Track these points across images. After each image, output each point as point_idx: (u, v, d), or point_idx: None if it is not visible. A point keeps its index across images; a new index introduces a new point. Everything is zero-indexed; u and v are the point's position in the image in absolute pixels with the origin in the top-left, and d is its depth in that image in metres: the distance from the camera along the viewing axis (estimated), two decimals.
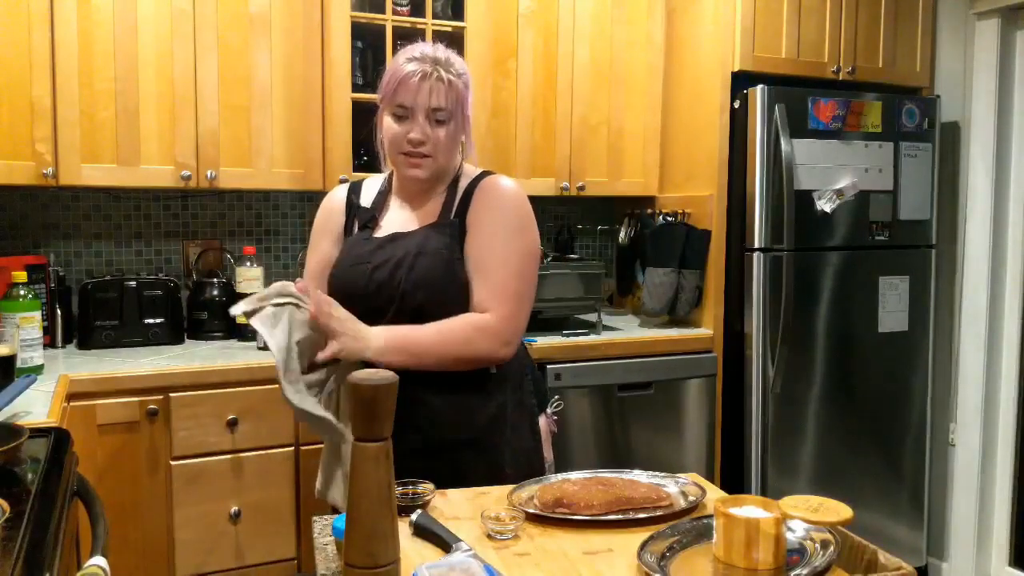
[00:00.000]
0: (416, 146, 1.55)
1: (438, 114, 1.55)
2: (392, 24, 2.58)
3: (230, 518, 2.24)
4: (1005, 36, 2.89)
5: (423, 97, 1.53)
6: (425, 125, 1.54)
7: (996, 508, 3.02)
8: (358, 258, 1.60)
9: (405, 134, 1.55)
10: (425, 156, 1.56)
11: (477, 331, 1.52)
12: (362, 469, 0.97)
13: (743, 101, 2.75)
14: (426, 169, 1.58)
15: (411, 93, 1.53)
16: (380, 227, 1.64)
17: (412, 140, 1.55)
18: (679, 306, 2.86)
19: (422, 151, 1.56)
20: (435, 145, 1.56)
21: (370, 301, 1.56)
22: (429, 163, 1.57)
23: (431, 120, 1.55)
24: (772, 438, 2.77)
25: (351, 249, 1.63)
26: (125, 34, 2.35)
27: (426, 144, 1.55)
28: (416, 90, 1.53)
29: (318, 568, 1.12)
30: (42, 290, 2.39)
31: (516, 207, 1.60)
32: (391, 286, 1.54)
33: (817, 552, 1.04)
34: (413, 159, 1.57)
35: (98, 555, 1.12)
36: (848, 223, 2.83)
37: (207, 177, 2.46)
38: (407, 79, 1.53)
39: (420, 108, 1.54)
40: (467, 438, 1.57)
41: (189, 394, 2.18)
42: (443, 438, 1.55)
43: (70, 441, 1.49)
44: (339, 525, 1.10)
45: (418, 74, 1.53)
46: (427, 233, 1.58)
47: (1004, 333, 2.98)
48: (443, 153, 1.58)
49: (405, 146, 1.56)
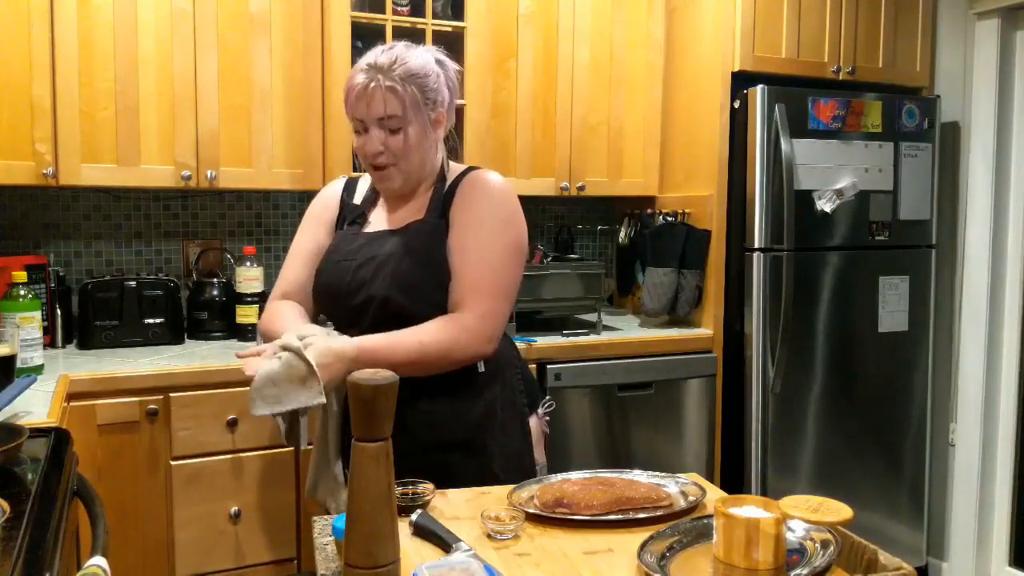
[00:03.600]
0: (375, 158, 1.55)
1: (390, 122, 1.52)
2: (392, 24, 2.58)
3: (230, 518, 2.24)
4: (1005, 36, 2.89)
5: (370, 108, 1.52)
6: (380, 135, 1.53)
7: (996, 508, 3.02)
8: (344, 255, 1.60)
9: (363, 147, 1.56)
10: (389, 166, 1.56)
11: (457, 332, 1.49)
12: (362, 469, 0.96)
13: (743, 101, 2.75)
14: (394, 179, 1.57)
15: (359, 105, 1.52)
16: (369, 223, 1.65)
17: (367, 154, 1.55)
18: (679, 306, 2.86)
19: (381, 162, 1.55)
20: (394, 154, 1.54)
21: (352, 298, 1.56)
22: (394, 172, 1.57)
23: (385, 129, 1.53)
24: (772, 438, 2.77)
25: (338, 245, 1.63)
26: (125, 34, 2.35)
27: (384, 154, 1.54)
28: (363, 102, 1.52)
29: (318, 568, 1.12)
30: (42, 290, 2.39)
31: (499, 201, 1.57)
32: (372, 285, 1.54)
33: (817, 552, 1.04)
34: (377, 171, 1.58)
35: (98, 555, 1.12)
36: (848, 223, 2.83)
37: (207, 177, 2.46)
38: (352, 92, 1.53)
39: (371, 120, 1.53)
40: (457, 439, 1.56)
41: (189, 394, 2.18)
42: (433, 439, 1.55)
43: (70, 441, 1.49)
44: (339, 525, 1.10)
45: (361, 86, 1.51)
46: (412, 232, 1.58)
47: (1004, 333, 2.98)
48: (406, 159, 1.56)
49: (368, 158, 1.56)
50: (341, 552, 1.06)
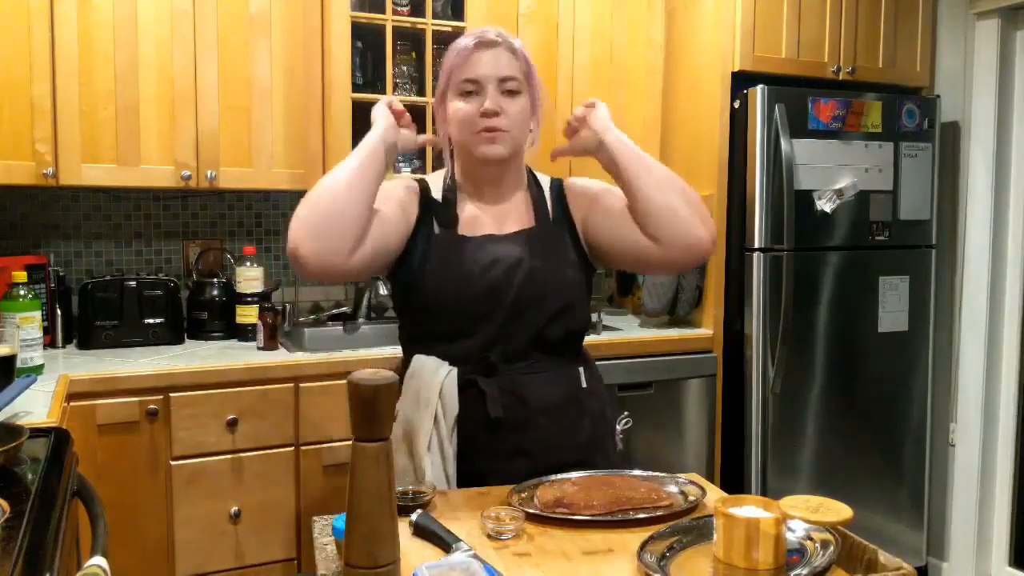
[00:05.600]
0: (491, 117, 1.43)
1: (509, 83, 1.44)
2: (392, 24, 2.58)
3: (230, 518, 2.24)
4: (1005, 36, 2.89)
5: (492, 68, 1.43)
6: (498, 97, 1.43)
7: (996, 508, 3.02)
8: (457, 264, 1.46)
9: (477, 109, 1.43)
10: (502, 131, 1.44)
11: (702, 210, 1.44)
12: (362, 469, 0.96)
13: (743, 101, 2.75)
14: (504, 145, 1.45)
15: (479, 65, 1.43)
16: (463, 226, 1.51)
17: (487, 111, 1.42)
18: (679, 306, 2.86)
19: (498, 124, 1.43)
20: (510, 118, 1.44)
21: (479, 305, 1.45)
22: (506, 138, 1.45)
23: (502, 91, 1.44)
24: (772, 438, 2.76)
25: (441, 251, 1.47)
26: (125, 34, 2.36)
27: (501, 116, 1.43)
28: (482, 60, 1.43)
29: (318, 568, 1.12)
30: (42, 290, 2.39)
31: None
32: (504, 289, 1.44)
33: (817, 552, 1.04)
34: (488, 134, 1.44)
35: (98, 555, 1.12)
36: (848, 223, 2.83)
37: (207, 177, 2.46)
38: (472, 52, 1.43)
39: (490, 79, 1.43)
40: (573, 460, 1.47)
41: (189, 394, 2.18)
42: (553, 462, 1.44)
43: (70, 441, 1.49)
44: (339, 525, 1.10)
45: (484, 45, 1.44)
46: (533, 237, 1.50)
47: (1004, 333, 2.98)
48: (520, 128, 1.46)
49: (479, 122, 1.43)
50: (341, 552, 1.06)
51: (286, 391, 2.28)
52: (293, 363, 2.30)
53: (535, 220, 1.53)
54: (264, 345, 2.46)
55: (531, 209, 1.54)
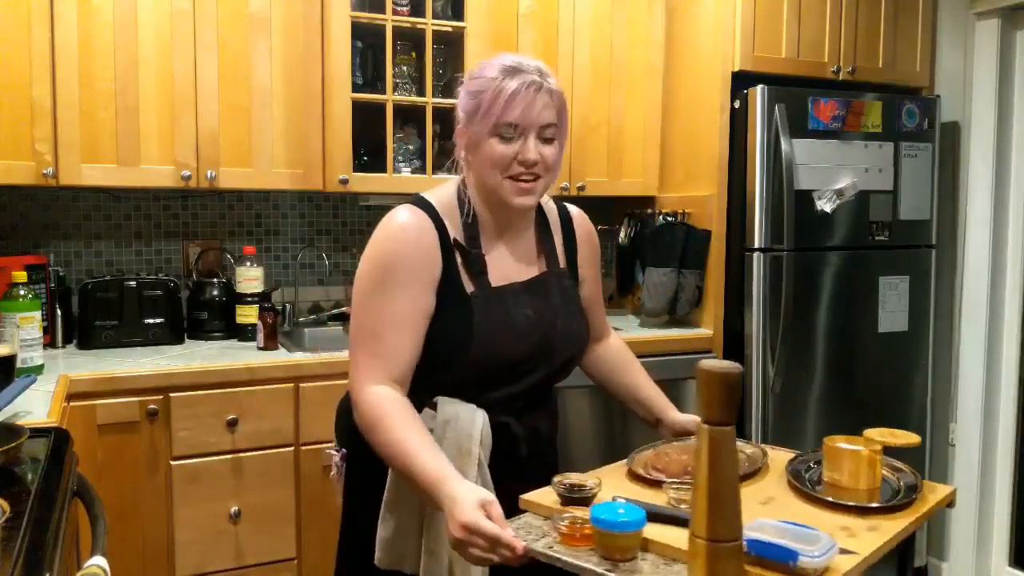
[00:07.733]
0: (530, 167, 1.39)
1: (548, 131, 1.40)
2: (392, 24, 2.58)
3: (230, 518, 2.24)
4: (1005, 36, 2.89)
5: (534, 114, 1.37)
6: (536, 144, 1.39)
7: (996, 508, 3.02)
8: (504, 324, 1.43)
9: (514, 156, 1.38)
10: (538, 178, 1.41)
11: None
12: (722, 452, 1.03)
13: (743, 101, 2.75)
14: (537, 194, 1.43)
15: (521, 110, 1.36)
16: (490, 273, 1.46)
17: (527, 161, 1.38)
18: (679, 306, 2.86)
19: (538, 172, 1.40)
20: (547, 166, 1.41)
21: (524, 364, 1.45)
22: (540, 186, 1.42)
23: (541, 138, 1.40)
24: (772, 438, 2.76)
25: (482, 308, 1.42)
26: (125, 34, 2.35)
27: (538, 165, 1.40)
28: (525, 106, 1.36)
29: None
30: (42, 290, 2.39)
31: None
32: (547, 344, 1.47)
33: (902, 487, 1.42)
34: (524, 183, 1.40)
35: (98, 555, 1.12)
36: (848, 223, 2.83)
37: (207, 177, 2.46)
38: (515, 94, 1.36)
39: (532, 126, 1.38)
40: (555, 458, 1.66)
41: (189, 394, 2.18)
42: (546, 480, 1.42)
43: (70, 441, 1.49)
44: (601, 515, 1.12)
45: (528, 86, 1.37)
46: (554, 282, 1.53)
47: (1004, 333, 2.97)
48: (552, 174, 1.44)
49: (515, 168, 1.39)
50: (598, 541, 1.13)
51: (286, 391, 2.28)
52: (293, 363, 2.30)
53: (547, 264, 1.55)
54: (264, 345, 2.46)
55: (542, 252, 1.56)
